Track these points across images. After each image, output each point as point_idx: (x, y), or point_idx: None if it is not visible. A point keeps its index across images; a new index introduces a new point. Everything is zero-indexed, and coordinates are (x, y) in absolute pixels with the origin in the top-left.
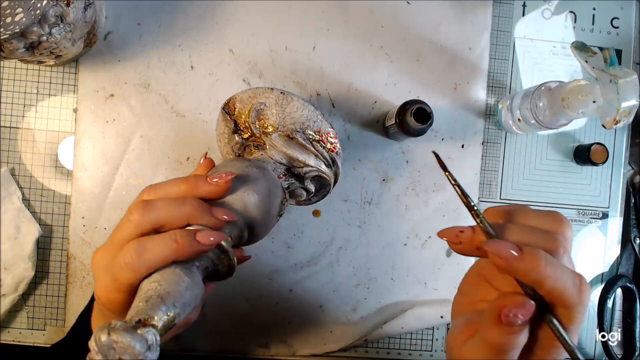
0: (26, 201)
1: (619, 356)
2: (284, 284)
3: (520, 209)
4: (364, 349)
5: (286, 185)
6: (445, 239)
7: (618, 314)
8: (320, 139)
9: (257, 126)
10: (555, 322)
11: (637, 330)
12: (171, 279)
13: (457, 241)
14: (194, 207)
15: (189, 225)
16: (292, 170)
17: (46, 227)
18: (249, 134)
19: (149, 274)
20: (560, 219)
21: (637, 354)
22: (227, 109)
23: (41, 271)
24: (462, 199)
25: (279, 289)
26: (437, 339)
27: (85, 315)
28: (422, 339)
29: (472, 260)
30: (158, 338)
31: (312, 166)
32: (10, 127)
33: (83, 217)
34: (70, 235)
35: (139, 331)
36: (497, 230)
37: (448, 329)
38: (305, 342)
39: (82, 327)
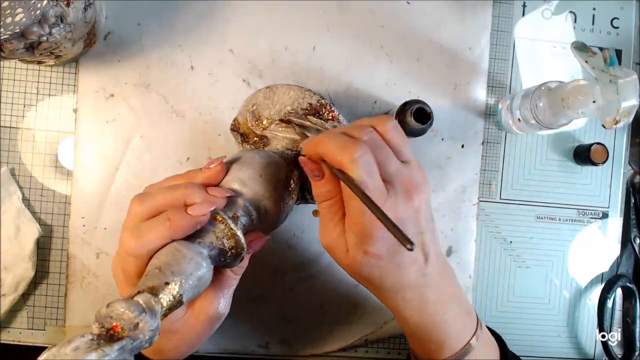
0: (26, 201)
1: (619, 356)
2: (284, 284)
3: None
4: (364, 349)
5: (299, 172)
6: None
7: (618, 314)
8: (316, 111)
9: (256, 126)
10: (327, 163)
11: (637, 330)
12: (168, 251)
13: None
14: (187, 187)
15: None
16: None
17: (46, 227)
18: (254, 137)
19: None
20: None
21: (637, 354)
22: (233, 127)
23: (41, 271)
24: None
25: (279, 289)
26: None
27: None
28: None
29: (469, 262)
30: (156, 304)
31: None
32: (10, 127)
33: (83, 217)
34: (70, 235)
35: (134, 298)
36: None
37: None
38: (305, 342)
39: None
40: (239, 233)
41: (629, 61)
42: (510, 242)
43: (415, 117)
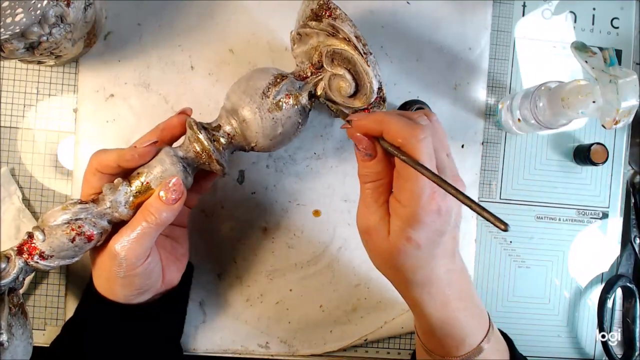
0: (26, 201)
1: (619, 356)
2: (284, 284)
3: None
4: (364, 349)
5: (315, 78)
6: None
7: (618, 314)
8: (316, 15)
9: (293, 49)
10: (386, 141)
11: (637, 330)
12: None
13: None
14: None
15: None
16: (320, 61)
17: None
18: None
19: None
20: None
21: (637, 354)
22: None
23: (41, 271)
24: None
25: (279, 289)
26: None
27: (79, 309)
28: None
29: (469, 262)
30: (123, 186)
31: (317, 43)
32: (10, 127)
33: None
34: None
35: (113, 182)
36: None
37: None
38: (305, 342)
39: (76, 321)
40: (202, 136)
41: (629, 61)
42: (510, 242)
43: None
